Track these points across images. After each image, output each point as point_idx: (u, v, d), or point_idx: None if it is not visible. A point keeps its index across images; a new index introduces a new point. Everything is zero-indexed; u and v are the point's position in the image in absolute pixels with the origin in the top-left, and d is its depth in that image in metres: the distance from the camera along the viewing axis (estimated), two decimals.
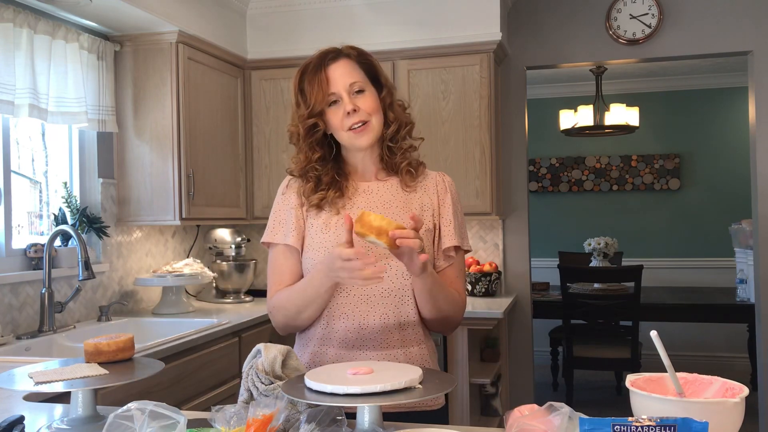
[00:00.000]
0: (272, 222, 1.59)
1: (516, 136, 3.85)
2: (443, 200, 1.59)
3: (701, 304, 4.76)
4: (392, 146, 1.56)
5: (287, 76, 3.66)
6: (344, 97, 1.47)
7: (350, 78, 1.48)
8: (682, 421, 0.89)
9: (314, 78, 1.48)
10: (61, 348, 2.52)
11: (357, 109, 1.47)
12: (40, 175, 2.91)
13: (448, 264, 1.58)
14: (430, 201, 1.58)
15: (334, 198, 1.53)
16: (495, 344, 3.65)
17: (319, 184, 1.53)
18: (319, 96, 1.46)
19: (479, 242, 3.83)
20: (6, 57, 2.48)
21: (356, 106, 1.47)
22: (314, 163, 1.53)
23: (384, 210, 1.55)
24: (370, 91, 1.51)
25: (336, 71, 1.48)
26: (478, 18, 3.43)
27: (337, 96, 1.47)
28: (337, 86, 1.47)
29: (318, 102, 1.46)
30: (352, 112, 1.47)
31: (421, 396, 1.15)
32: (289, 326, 1.57)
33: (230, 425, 1.07)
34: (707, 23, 3.58)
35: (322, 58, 1.50)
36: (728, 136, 6.05)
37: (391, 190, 1.57)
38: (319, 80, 1.47)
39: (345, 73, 1.49)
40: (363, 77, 1.51)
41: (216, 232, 3.68)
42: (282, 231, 1.56)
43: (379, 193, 1.57)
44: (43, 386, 1.27)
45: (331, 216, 1.54)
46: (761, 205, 3.55)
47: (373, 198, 1.56)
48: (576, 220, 6.37)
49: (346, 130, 1.49)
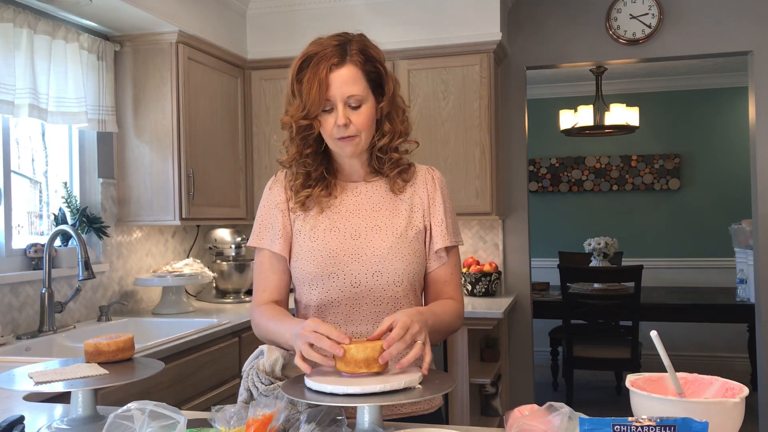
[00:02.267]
0: (259, 224, 1.56)
1: (516, 136, 3.85)
2: (433, 198, 1.55)
3: (701, 304, 4.75)
4: (381, 157, 1.52)
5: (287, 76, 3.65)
6: (339, 108, 1.42)
7: (349, 90, 1.41)
8: (682, 421, 0.89)
9: (314, 78, 1.41)
10: (61, 348, 2.52)
11: (348, 123, 1.42)
12: (40, 175, 2.91)
13: (441, 264, 1.55)
14: (420, 200, 1.55)
15: (320, 196, 1.50)
16: (495, 344, 3.65)
17: (308, 179, 1.51)
18: (315, 100, 1.41)
19: (479, 242, 3.83)
20: (6, 57, 2.48)
21: (348, 120, 1.42)
22: (306, 157, 1.50)
23: (372, 212, 1.51)
24: (368, 104, 1.44)
25: (338, 79, 1.41)
26: (478, 18, 3.43)
27: (332, 104, 1.42)
28: (334, 94, 1.41)
29: (314, 106, 1.41)
30: (343, 126, 1.42)
31: (421, 396, 1.15)
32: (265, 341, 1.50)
33: (230, 425, 1.07)
34: (707, 23, 3.58)
35: (327, 58, 1.41)
36: (728, 136, 6.05)
37: (380, 191, 1.54)
38: (319, 83, 1.40)
39: (345, 82, 1.41)
40: (364, 87, 1.44)
41: (216, 232, 3.68)
42: (269, 236, 1.53)
43: (367, 194, 1.54)
44: (43, 386, 1.27)
45: (318, 216, 1.51)
46: (761, 205, 3.55)
47: (360, 199, 1.53)
48: (576, 220, 6.37)
49: (333, 138, 1.45)
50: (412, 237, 1.51)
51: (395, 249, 1.47)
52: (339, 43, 1.43)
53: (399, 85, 1.52)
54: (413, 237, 1.51)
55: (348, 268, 1.46)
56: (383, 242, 1.48)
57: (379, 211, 1.52)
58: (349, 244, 1.47)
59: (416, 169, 1.58)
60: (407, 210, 1.53)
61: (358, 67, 1.43)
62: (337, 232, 1.49)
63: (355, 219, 1.50)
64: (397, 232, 1.50)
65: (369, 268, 1.46)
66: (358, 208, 1.52)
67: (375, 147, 1.51)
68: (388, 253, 1.47)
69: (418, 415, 1.51)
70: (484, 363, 3.58)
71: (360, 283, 1.46)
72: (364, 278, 1.46)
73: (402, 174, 1.53)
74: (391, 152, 1.51)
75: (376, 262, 1.46)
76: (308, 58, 1.43)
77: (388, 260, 1.46)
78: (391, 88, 1.48)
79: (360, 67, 1.43)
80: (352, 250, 1.47)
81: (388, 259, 1.46)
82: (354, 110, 1.43)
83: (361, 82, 1.43)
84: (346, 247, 1.47)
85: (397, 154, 1.53)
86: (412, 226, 1.52)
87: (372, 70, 1.45)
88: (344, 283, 1.46)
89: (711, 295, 4.98)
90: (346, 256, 1.46)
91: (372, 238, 1.48)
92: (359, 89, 1.43)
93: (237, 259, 3.64)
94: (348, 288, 1.46)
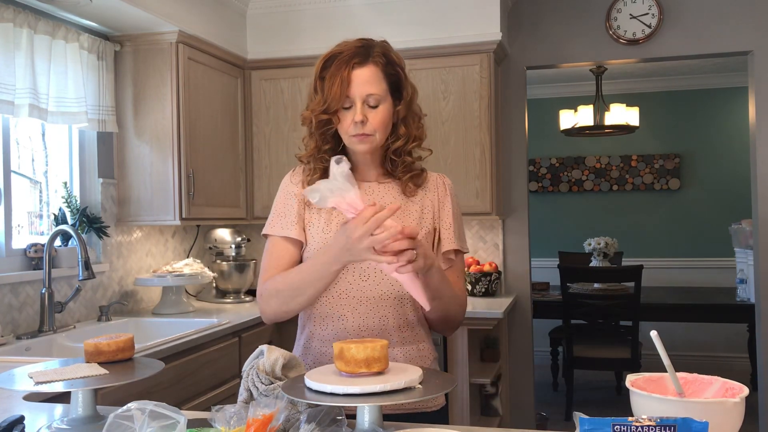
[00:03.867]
0: (273, 213, 1.60)
1: (516, 136, 3.85)
2: (443, 203, 1.60)
3: (701, 304, 4.75)
4: (395, 159, 1.56)
5: (287, 76, 3.66)
6: (357, 105, 1.46)
7: (370, 89, 1.46)
8: (682, 421, 0.89)
9: (336, 75, 1.45)
10: (61, 348, 2.52)
11: (365, 121, 1.46)
12: (40, 175, 2.92)
13: (448, 266, 1.59)
14: (430, 204, 1.59)
15: None
16: (495, 344, 3.65)
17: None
18: (336, 96, 1.45)
19: (479, 242, 3.83)
20: (6, 57, 2.48)
21: (365, 117, 1.46)
22: (324, 153, 1.53)
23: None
24: (385, 105, 1.49)
25: (359, 77, 1.46)
26: (478, 18, 3.43)
27: (352, 101, 1.47)
28: (354, 92, 1.46)
29: (334, 101, 1.46)
30: (360, 123, 1.46)
31: (421, 396, 1.15)
32: (279, 312, 1.53)
33: (230, 425, 1.07)
34: (707, 23, 3.58)
35: (351, 57, 1.46)
36: (728, 136, 6.05)
37: (392, 192, 1.58)
38: (341, 79, 1.45)
39: (367, 81, 1.46)
40: (383, 89, 1.49)
41: (216, 232, 3.68)
42: (281, 223, 1.57)
43: (380, 194, 1.57)
44: (43, 386, 1.27)
45: (332, 211, 1.53)
46: (761, 205, 3.55)
47: (373, 197, 1.56)
48: (576, 220, 6.37)
49: (349, 134, 1.49)
50: (421, 238, 1.53)
51: None
52: (363, 45, 1.50)
53: (417, 92, 1.57)
54: (423, 237, 1.54)
55: (359, 264, 1.49)
56: None
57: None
58: None
59: (428, 175, 1.62)
60: (418, 211, 1.57)
61: (380, 68, 1.49)
62: None
63: None
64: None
65: (379, 265, 1.47)
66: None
67: (389, 149, 1.55)
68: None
69: (421, 413, 1.52)
70: (484, 363, 3.58)
71: (368, 277, 1.50)
72: (373, 274, 1.50)
73: (414, 178, 1.57)
74: (404, 155, 1.56)
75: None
76: (332, 56, 1.49)
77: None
78: (410, 93, 1.54)
79: (381, 68, 1.49)
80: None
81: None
82: (372, 109, 1.48)
83: (381, 83, 1.48)
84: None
85: (410, 158, 1.57)
86: (422, 227, 1.56)
87: (392, 72, 1.51)
88: (353, 277, 1.50)
89: (711, 295, 4.98)
90: None
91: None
92: (379, 89, 1.47)
93: (237, 259, 3.64)
94: (357, 282, 1.50)
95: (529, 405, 3.82)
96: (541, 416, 4.44)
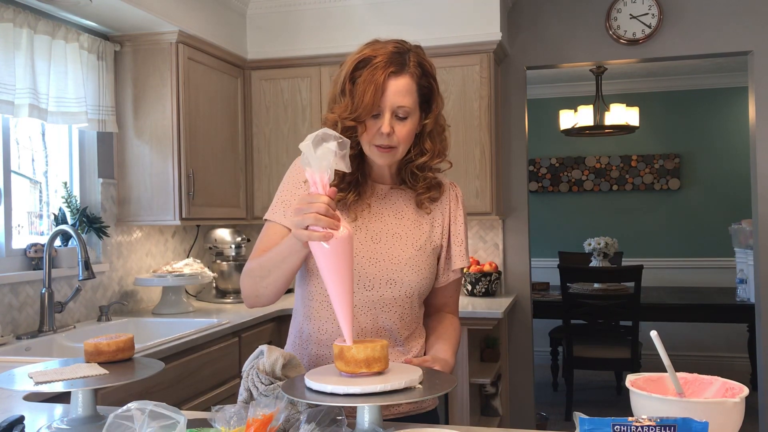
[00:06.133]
0: (278, 199, 1.55)
1: (516, 136, 3.85)
2: (455, 217, 1.58)
3: (701, 304, 4.75)
4: (417, 174, 1.51)
5: (287, 76, 3.67)
6: (386, 116, 1.41)
7: (401, 100, 1.41)
8: (682, 421, 0.89)
9: (370, 83, 1.39)
10: (61, 348, 2.52)
11: (391, 133, 1.41)
12: (40, 175, 2.91)
13: (452, 280, 1.59)
14: (441, 217, 1.57)
15: (353, 202, 1.49)
16: (495, 344, 3.65)
17: (342, 182, 1.48)
18: (369, 104, 1.39)
19: (479, 242, 3.83)
20: (6, 57, 2.48)
21: (392, 129, 1.41)
22: None
23: (395, 219, 1.52)
24: (413, 118, 1.44)
25: (393, 87, 1.40)
26: (478, 18, 3.43)
27: (381, 111, 1.41)
28: (386, 102, 1.40)
29: (365, 110, 1.40)
30: (385, 135, 1.41)
31: (421, 396, 1.15)
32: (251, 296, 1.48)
33: (230, 425, 1.07)
34: (707, 23, 3.58)
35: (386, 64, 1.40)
36: (728, 136, 6.05)
37: (404, 198, 1.55)
38: (375, 88, 1.38)
39: (399, 92, 1.40)
40: (414, 101, 1.43)
41: (216, 232, 3.68)
42: (283, 210, 1.52)
43: (392, 200, 1.54)
44: (43, 386, 1.27)
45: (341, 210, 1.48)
46: (761, 205, 3.55)
47: (385, 202, 1.53)
48: (576, 220, 6.37)
49: (372, 144, 1.44)
50: (429, 251, 1.52)
51: (413, 261, 1.49)
52: (397, 51, 1.42)
53: (444, 104, 1.52)
54: (430, 251, 1.53)
55: (364, 270, 1.46)
56: (403, 252, 1.49)
57: (402, 219, 1.53)
58: (369, 248, 1.47)
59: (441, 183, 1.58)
60: (429, 224, 1.55)
61: (414, 79, 1.43)
62: (359, 231, 1.48)
63: (378, 222, 1.51)
64: (417, 244, 1.51)
65: (385, 275, 1.46)
66: (382, 212, 1.52)
67: (413, 163, 1.50)
68: (405, 264, 1.48)
69: (413, 415, 1.51)
70: (484, 363, 3.58)
71: (373, 287, 1.46)
72: (377, 283, 1.46)
73: (431, 190, 1.54)
74: (427, 171, 1.52)
75: (393, 270, 1.47)
76: (366, 60, 1.42)
77: (404, 271, 1.48)
78: (439, 106, 1.49)
79: (416, 80, 1.43)
80: (371, 254, 1.47)
81: (404, 270, 1.48)
82: (400, 121, 1.42)
83: (413, 96, 1.43)
84: (365, 250, 1.47)
85: (431, 174, 1.53)
86: (431, 241, 1.54)
87: (426, 85, 1.45)
88: (357, 284, 1.45)
89: (711, 295, 4.98)
90: (365, 258, 1.46)
91: (392, 246, 1.49)
92: (410, 102, 1.42)
93: (237, 259, 3.64)
94: (360, 290, 1.46)
95: (529, 405, 3.82)
96: (541, 416, 4.45)
